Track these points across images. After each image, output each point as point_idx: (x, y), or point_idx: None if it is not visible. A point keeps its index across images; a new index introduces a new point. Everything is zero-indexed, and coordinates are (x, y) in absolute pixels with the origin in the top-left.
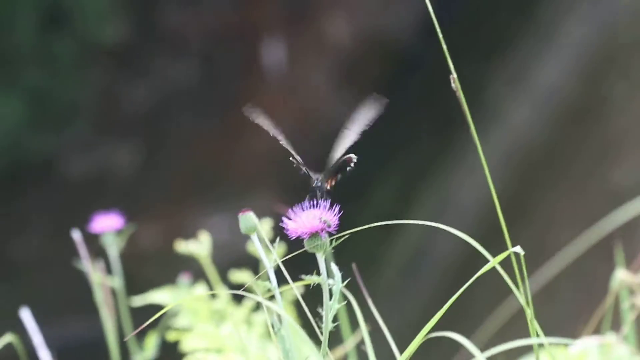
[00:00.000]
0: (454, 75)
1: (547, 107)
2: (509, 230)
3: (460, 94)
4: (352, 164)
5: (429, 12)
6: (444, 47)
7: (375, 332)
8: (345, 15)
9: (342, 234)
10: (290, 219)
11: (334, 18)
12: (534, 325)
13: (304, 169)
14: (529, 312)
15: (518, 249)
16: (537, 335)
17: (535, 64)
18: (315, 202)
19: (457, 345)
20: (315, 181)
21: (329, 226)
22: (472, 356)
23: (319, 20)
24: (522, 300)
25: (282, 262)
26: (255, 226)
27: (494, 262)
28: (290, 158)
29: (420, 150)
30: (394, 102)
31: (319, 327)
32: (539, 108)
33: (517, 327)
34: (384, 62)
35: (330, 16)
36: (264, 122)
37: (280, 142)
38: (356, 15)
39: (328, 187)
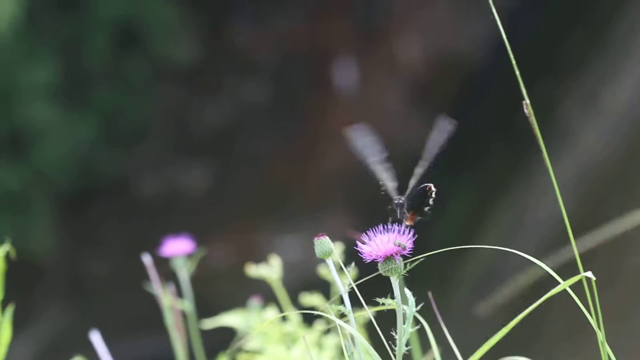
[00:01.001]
0: (527, 100)
1: (620, 127)
2: (583, 252)
3: (533, 120)
4: (433, 195)
5: (500, 33)
6: (516, 69)
7: (446, 353)
8: (417, 35)
9: (416, 257)
10: (364, 243)
11: (405, 38)
12: (605, 348)
13: (391, 193)
14: (600, 335)
15: (589, 274)
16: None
17: (608, 84)
18: (395, 224)
19: None
20: (397, 202)
21: (404, 249)
22: None
23: (390, 40)
24: (593, 323)
25: (352, 287)
26: (330, 251)
27: (563, 285)
28: (381, 182)
29: (493, 169)
30: (467, 122)
31: (392, 350)
32: (611, 128)
33: (591, 351)
34: (455, 82)
35: (402, 36)
36: (366, 143)
37: (373, 164)
38: (428, 35)
39: (410, 222)
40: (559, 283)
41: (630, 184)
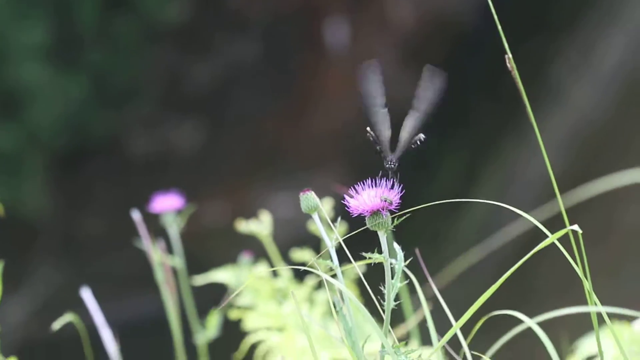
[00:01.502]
0: (509, 54)
1: (611, 85)
2: (575, 209)
3: (516, 74)
4: (418, 142)
5: None
6: (498, 24)
7: (437, 311)
8: None
9: (403, 212)
10: (352, 197)
11: None
12: (592, 297)
13: (380, 147)
14: (587, 284)
15: (576, 227)
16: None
17: (599, 42)
18: (386, 180)
19: (521, 324)
20: (390, 161)
21: (390, 204)
22: (533, 333)
23: None
24: (580, 273)
25: (344, 240)
26: (316, 205)
27: (551, 239)
28: (368, 133)
29: (484, 128)
30: (458, 81)
31: (381, 306)
32: (602, 87)
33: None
34: (447, 41)
35: None
36: (374, 83)
37: (375, 112)
38: None
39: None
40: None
41: (622, 142)
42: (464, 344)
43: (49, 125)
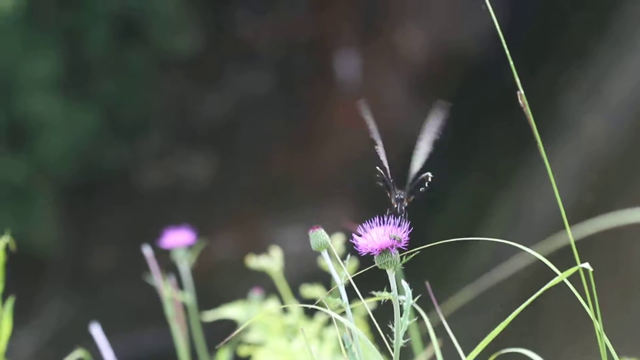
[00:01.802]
0: (521, 91)
1: (623, 117)
2: (586, 243)
3: (528, 111)
4: (426, 184)
5: (502, 22)
6: (510, 60)
7: (446, 348)
8: (418, 27)
9: (412, 250)
10: (360, 236)
11: (406, 29)
12: (602, 338)
13: (388, 183)
14: (598, 325)
15: (586, 265)
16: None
17: (611, 73)
18: (395, 218)
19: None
20: (398, 197)
21: (399, 242)
22: None
23: (392, 32)
24: (591, 313)
25: (354, 277)
26: (326, 243)
27: (561, 277)
28: (377, 168)
29: (494, 160)
30: (468, 113)
31: (390, 343)
32: (614, 118)
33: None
34: (457, 72)
35: (403, 28)
36: (370, 121)
37: (376, 148)
38: (429, 27)
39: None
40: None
41: (634, 174)
42: None
43: (59, 156)
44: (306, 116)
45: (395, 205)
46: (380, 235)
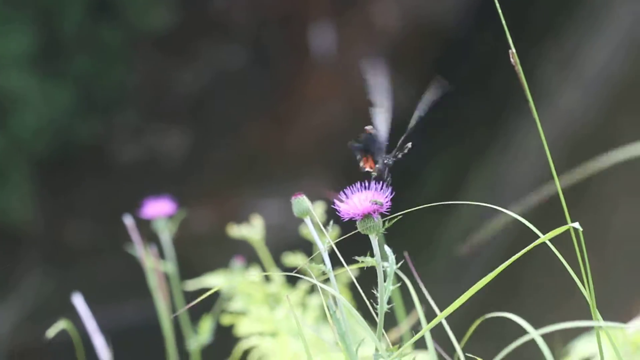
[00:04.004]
0: (513, 50)
1: (597, 88)
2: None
3: (519, 68)
4: (405, 151)
5: None
6: (504, 22)
7: (429, 315)
8: (394, 0)
9: (394, 215)
10: (342, 201)
11: (382, 1)
12: (595, 310)
13: (380, 146)
14: (588, 295)
15: (576, 224)
16: (597, 318)
17: (584, 45)
18: (379, 182)
19: (514, 326)
20: (387, 162)
21: (381, 206)
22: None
23: (367, 3)
24: (578, 280)
25: (336, 244)
26: (308, 209)
27: (545, 237)
28: (369, 128)
29: (471, 133)
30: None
31: (374, 309)
32: (589, 89)
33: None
34: (432, 46)
35: (379, 0)
36: (377, 81)
37: (376, 111)
38: None
39: (368, 168)
40: (545, 244)
41: (609, 145)
42: (458, 347)
43: (34, 132)
44: (282, 89)
45: (382, 169)
46: (362, 201)
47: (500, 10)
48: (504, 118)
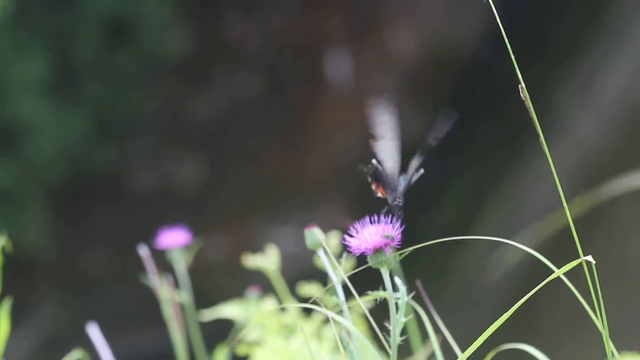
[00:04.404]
0: (522, 84)
1: (615, 114)
2: (582, 239)
3: (529, 104)
4: (415, 178)
5: (493, 21)
6: (512, 55)
7: (444, 346)
8: (410, 26)
9: (405, 250)
10: (352, 236)
11: (398, 28)
12: (608, 341)
13: (388, 180)
14: (603, 330)
15: (589, 258)
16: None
17: (602, 70)
18: (391, 216)
19: (527, 356)
20: (396, 198)
21: (392, 240)
22: None
23: (383, 31)
24: (592, 314)
25: (351, 276)
26: (321, 241)
27: (559, 272)
28: (374, 161)
29: (487, 160)
30: (461, 113)
31: (387, 341)
32: (606, 116)
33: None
34: (449, 72)
35: (395, 27)
36: (385, 120)
37: (381, 145)
38: (421, 25)
39: (380, 195)
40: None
41: (625, 171)
42: None
43: (48, 160)
44: (298, 118)
45: (394, 203)
46: (372, 235)
47: (507, 42)
48: (523, 143)
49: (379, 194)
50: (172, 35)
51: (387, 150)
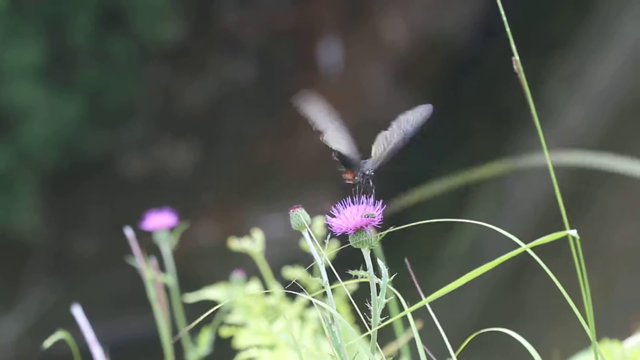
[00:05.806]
0: (516, 57)
1: (603, 106)
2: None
3: (522, 76)
4: (385, 162)
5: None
6: (510, 37)
7: (430, 329)
8: (402, 15)
9: (388, 230)
10: (333, 216)
11: (390, 17)
12: (592, 327)
13: (352, 159)
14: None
15: (574, 232)
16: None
17: (591, 62)
18: (364, 195)
19: (512, 341)
20: (364, 172)
21: (373, 219)
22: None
23: (375, 20)
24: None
25: (340, 256)
26: (306, 222)
27: (545, 239)
28: (334, 150)
29: (476, 148)
30: (451, 101)
31: (369, 322)
32: (594, 106)
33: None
34: (440, 61)
35: (387, 15)
36: (315, 112)
37: (324, 138)
38: (412, 14)
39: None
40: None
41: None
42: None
43: (41, 144)
44: (289, 105)
45: (362, 181)
46: (354, 214)
47: (507, 24)
48: (511, 132)
49: (347, 180)
50: (166, 22)
51: (336, 136)
